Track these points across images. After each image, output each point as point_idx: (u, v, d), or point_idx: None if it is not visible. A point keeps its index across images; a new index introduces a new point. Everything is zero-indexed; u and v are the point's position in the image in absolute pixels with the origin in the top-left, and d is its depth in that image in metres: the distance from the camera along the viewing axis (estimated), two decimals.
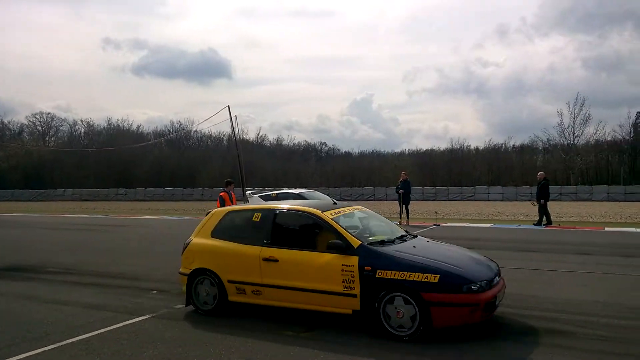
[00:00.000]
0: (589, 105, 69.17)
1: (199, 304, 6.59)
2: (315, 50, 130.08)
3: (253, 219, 6.46)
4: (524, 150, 76.23)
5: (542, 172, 18.59)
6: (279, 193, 16.92)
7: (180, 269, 6.78)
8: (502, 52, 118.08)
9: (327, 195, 18.83)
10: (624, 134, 68.24)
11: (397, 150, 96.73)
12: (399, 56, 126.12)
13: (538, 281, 8.39)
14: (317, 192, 18.50)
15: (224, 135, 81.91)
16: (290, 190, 17.62)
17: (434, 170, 73.26)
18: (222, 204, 12.06)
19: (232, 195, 12.42)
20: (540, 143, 73.27)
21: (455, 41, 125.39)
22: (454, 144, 78.67)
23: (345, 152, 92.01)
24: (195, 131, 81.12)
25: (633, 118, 69.47)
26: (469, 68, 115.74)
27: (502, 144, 78.77)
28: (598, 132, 67.44)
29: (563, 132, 66.71)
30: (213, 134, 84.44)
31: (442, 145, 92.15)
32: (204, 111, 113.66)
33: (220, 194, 12.29)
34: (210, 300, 6.49)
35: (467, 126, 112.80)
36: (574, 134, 66.08)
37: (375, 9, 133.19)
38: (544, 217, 17.68)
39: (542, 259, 10.50)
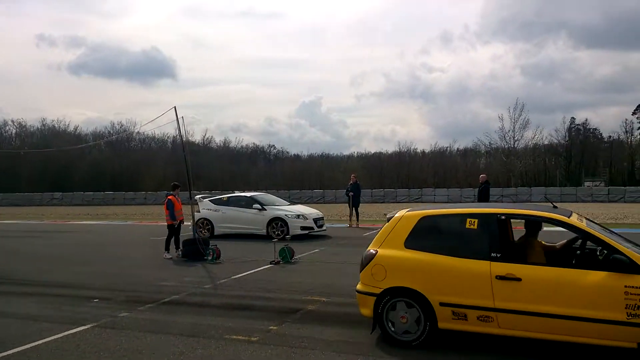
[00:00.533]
0: (528, 110, 72.77)
1: (393, 331, 5.31)
2: (263, 52, 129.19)
3: (467, 226, 5.24)
4: (467, 154, 79.08)
5: (483, 175, 19.28)
6: (230, 196, 16.67)
7: (361, 287, 5.58)
8: (446, 58, 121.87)
9: (279, 197, 18.74)
10: (559, 138, 72.55)
11: (346, 153, 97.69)
12: (347, 60, 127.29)
13: None
14: (269, 194, 18.35)
15: (168, 137, 79.87)
16: (242, 194, 17.36)
17: (383, 172, 74.53)
18: (171, 208, 11.75)
19: (179, 199, 12.10)
20: (483, 146, 76.16)
21: (401, 46, 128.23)
22: (401, 147, 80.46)
23: (294, 154, 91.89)
24: (138, 133, 78.54)
25: (568, 123, 74.20)
26: (414, 73, 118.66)
27: (447, 147, 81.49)
28: (536, 136, 71.06)
29: (504, 136, 69.61)
30: (157, 136, 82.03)
31: (390, 149, 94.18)
32: (146, 112, 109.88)
33: (169, 197, 11.95)
34: (413, 327, 5.22)
35: (413, 130, 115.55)
36: (514, 138, 69.10)
37: (324, 12, 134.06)
38: None
39: None
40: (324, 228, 15.86)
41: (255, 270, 9.97)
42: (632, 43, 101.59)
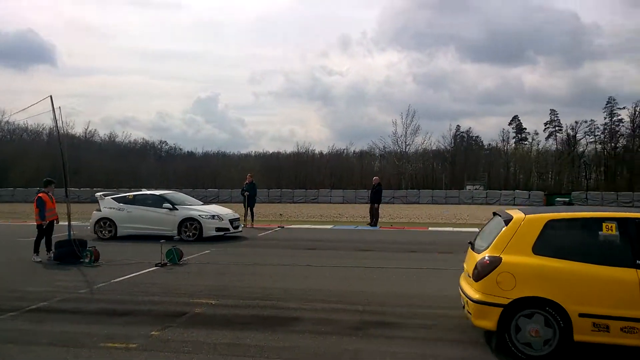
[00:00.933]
0: (419, 117, 77.30)
1: (522, 345, 4.82)
2: (156, 43, 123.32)
3: (604, 231, 4.93)
4: (363, 156, 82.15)
5: (376, 177, 20.15)
6: (136, 194, 15.55)
7: (481, 297, 4.98)
8: (345, 62, 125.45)
9: (193, 197, 17.81)
10: (446, 144, 78.37)
11: (244, 151, 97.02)
12: (246, 57, 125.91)
13: (371, 278, 8.98)
14: (180, 193, 17.35)
15: (43, 128, 73.43)
16: (149, 192, 16.21)
17: (280, 173, 74.83)
18: (41, 206, 10.67)
19: (52, 197, 11.01)
20: (378, 150, 79.69)
21: (301, 47, 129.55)
22: (299, 148, 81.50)
23: (187, 151, 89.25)
24: (7, 122, 71.06)
25: (453, 130, 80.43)
26: (314, 75, 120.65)
27: (344, 150, 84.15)
28: (425, 141, 76.01)
29: (397, 141, 73.32)
30: (30, 127, 74.90)
31: (289, 149, 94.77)
32: (18, 100, 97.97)
33: (39, 194, 10.82)
34: (542, 341, 4.79)
35: (312, 131, 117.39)
36: (405, 142, 73.06)
37: (223, 7, 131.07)
38: (374, 218, 19.20)
39: (375, 257, 11.26)
40: (239, 229, 15.35)
41: (139, 273, 9.34)
42: (510, 60, 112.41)
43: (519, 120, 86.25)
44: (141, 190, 17.09)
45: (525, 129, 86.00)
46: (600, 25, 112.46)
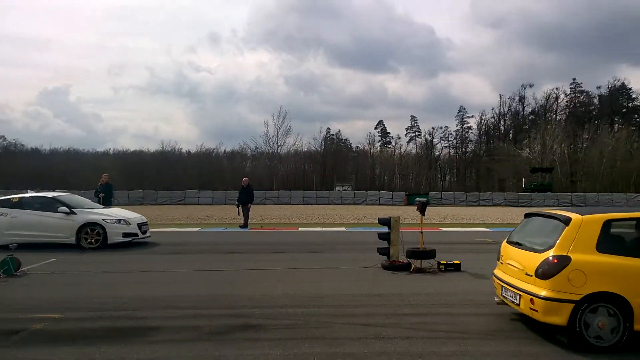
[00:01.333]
0: (290, 118, 78.76)
1: (591, 337, 5.15)
2: None
3: None
4: (234, 156, 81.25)
5: (246, 178, 19.90)
6: (23, 197, 13.32)
7: (552, 295, 5.22)
8: (214, 59, 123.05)
9: (89, 199, 15.74)
10: (317, 146, 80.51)
11: (100, 149, 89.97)
12: (103, 46, 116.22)
13: (237, 281, 8.72)
14: (75, 195, 15.20)
15: None
16: (39, 194, 14.02)
17: (143, 173, 70.78)
18: None
19: None
20: (249, 150, 79.42)
21: (167, 41, 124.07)
22: (165, 146, 78.08)
23: (32, 148, 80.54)
24: None
25: (324, 133, 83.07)
26: (181, 71, 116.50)
27: (213, 149, 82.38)
28: (297, 143, 77.54)
29: (268, 141, 73.74)
30: None
31: (152, 147, 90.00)
32: None
33: None
34: (609, 332, 5.16)
35: (179, 129, 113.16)
36: (277, 143, 73.81)
37: None
38: (244, 220, 18.92)
39: (244, 259, 11.02)
40: (148, 234, 13.95)
41: None
42: (375, 67, 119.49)
43: (384, 124, 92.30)
44: (27, 192, 14.94)
45: (389, 133, 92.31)
46: (452, 41, 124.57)
